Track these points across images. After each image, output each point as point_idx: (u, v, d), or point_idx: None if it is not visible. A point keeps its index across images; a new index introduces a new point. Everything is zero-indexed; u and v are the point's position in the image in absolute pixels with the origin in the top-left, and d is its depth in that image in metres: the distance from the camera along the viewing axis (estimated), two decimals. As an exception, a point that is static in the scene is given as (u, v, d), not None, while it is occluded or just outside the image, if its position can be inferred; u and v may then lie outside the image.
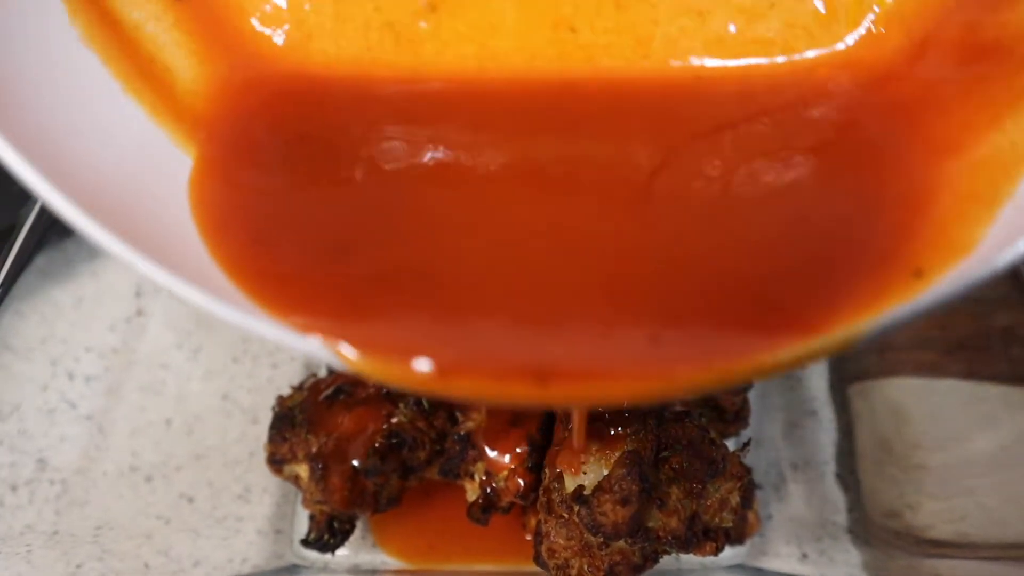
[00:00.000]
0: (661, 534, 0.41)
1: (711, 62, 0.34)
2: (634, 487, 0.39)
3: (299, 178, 0.32)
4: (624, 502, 0.38)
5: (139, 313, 0.67)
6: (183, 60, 0.34)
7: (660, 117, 0.33)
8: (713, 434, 0.43)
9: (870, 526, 0.55)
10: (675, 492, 0.41)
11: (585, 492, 0.39)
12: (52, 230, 0.69)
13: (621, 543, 0.41)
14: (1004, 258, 0.24)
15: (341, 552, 0.54)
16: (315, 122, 0.33)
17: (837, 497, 0.57)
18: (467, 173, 0.32)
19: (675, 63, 0.34)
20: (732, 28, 0.34)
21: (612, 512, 0.38)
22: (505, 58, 0.34)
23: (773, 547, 0.55)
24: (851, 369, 0.62)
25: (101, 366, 0.64)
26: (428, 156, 0.32)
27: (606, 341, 0.26)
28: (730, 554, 0.54)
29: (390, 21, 0.35)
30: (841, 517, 0.56)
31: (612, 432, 0.40)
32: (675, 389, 0.25)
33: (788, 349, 0.25)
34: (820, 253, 0.29)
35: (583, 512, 0.39)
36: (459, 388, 0.25)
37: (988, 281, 0.25)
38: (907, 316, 0.25)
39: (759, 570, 0.53)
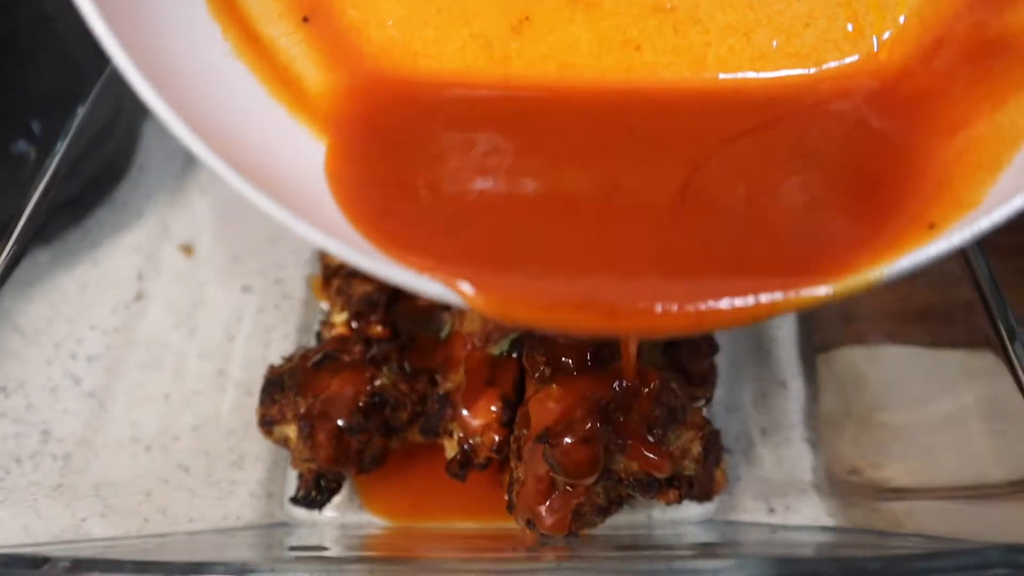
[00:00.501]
0: (623, 476, 0.44)
1: (754, 75, 0.41)
2: (595, 428, 0.41)
3: (415, 162, 0.39)
4: (585, 441, 0.41)
5: (139, 297, 0.70)
6: (312, 69, 0.41)
7: (710, 117, 0.40)
8: (674, 384, 0.46)
9: (833, 481, 0.57)
10: (636, 436, 0.44)
11: (550, 432, 0.42)
12: (53, 221, 0.72)
13: (586, 485, 0.44)
14: (1003, 212, 0.30)
15: (328, 513, 0.57)
16: (424, 120, 0.41)
17: (804, 458, 0.60)
18: (551, 160, 0.39)
19: (724, 76, 0.41)
20: (774, 44, 0.41)
21: (574, 451, 0.41)
22: (580, 72, 0.41)
23: (741, 503, 0.57)
24: (819, 340, 0.65)
25: (103, 345, 0.67)
26: (516, 146, 0.39)
27: (657, 289, 0.32)
28: (700, 511, 0.56)
29: (485, 41, 0.42)
30: (807, 475, 0.58)
31: (577, 379, 0.43)
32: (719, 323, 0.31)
33: (826, 287, 0.31)
34: (846, 214, 0.35)
35: (547, 451, 0.42)
36: (551, 320, 0.32)
37: (990, 232, 0.30)
38: (924, 260, 0.31)
39: (728, 522, 0.56)
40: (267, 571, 0.36)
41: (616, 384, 0.43)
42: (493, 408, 0.50)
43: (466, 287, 0.32)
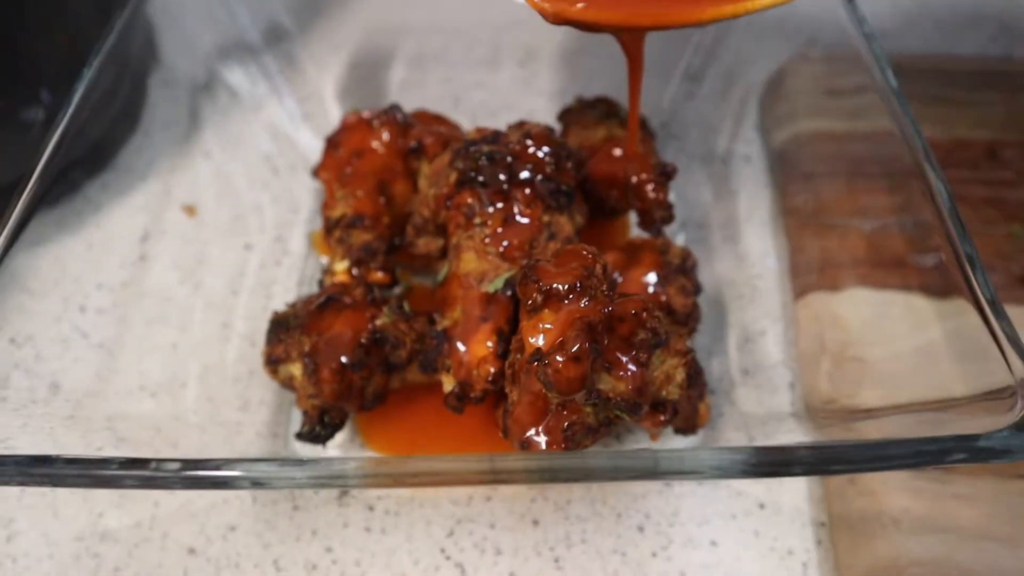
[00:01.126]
0: (612, 396, 0.46)
1: None
2: (584, 346, 0.44)
3: None
4: (575, 359, 0.44)
5: (144, 256, 0.72)
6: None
7: None
8: (658, 312, 0.48)
9: (811, 411, 0.60)
10: (623, 357, 0.47)
11: (541, 351, 0.45)
12: (60, 184, 0.74)
13: (577, 404, 0.47)
14: None
15: (332, 451, 0.60)
16: None
17: (783, 395, 0.63)
18: None
19: None
20: None
21: (564, 368, 0.44)
22: None
23: (723, 435, 0.60)
24: (797, 287, 0.68)
25: (110, 300, 0.70)
26: None
27: None
28: (684, 443, 0.59)
29: None
30: (785, 408, 0.61)
31: (568, 301, 0.46)
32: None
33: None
34: None
35: (539, 369, 0.45)
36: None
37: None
38: None
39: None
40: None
41: (603, 308, 0.46)
42: (488, 343, 0.53)
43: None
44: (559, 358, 0.44)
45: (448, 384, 0.54)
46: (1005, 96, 0.81)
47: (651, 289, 0.58)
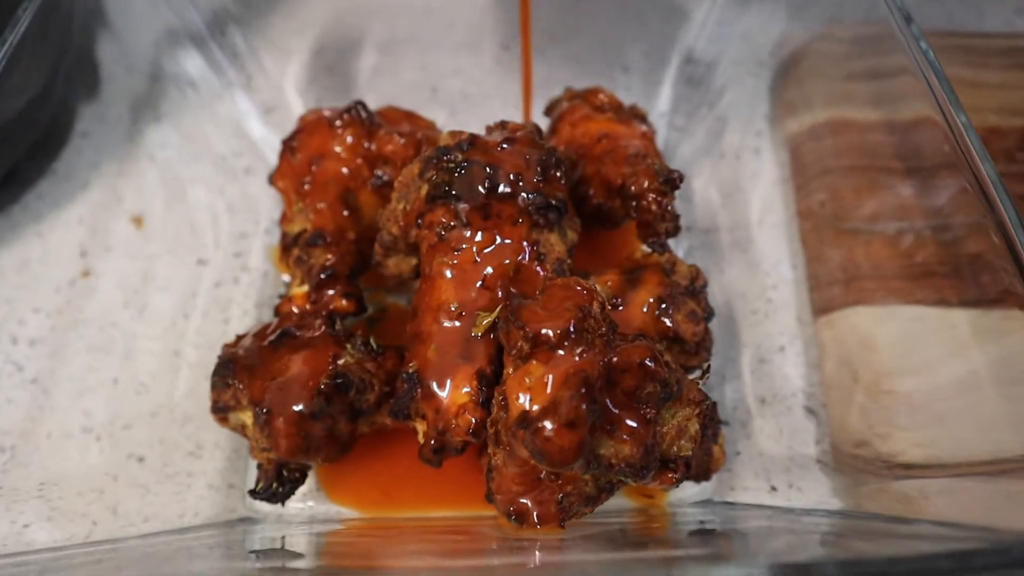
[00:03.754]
0: (614, 462, 0.39)
1: None
2: (580, 409, 0.37)
3: None
4: (570, 426, 0.37)
5: (85, 273, 0.64)
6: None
7: None
8: (667, 356, 0.41)
9: (839, 456, 0.53)
10: (627, 416, 0.39)
11: (530, 416, 0.37)
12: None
13: (572, 472, 0.40)
14: None
15: (294, 504, 0.52)
16: None
17: (806, 429, 0.55)
18: None
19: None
20: None
21: (557, 437, 0.37)
22: None
23: (741, 481, 0.53)
24: (818, 301, 0.60)
25: (47, 327, 0.62)
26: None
27: None
28: (697, 490, 0.52)
29: None
30: (810, 449, 0.54)
31: (559, 352, 0.39)
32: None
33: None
34: None
35: (527, 437, 0.37)
36: None
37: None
38: None
39: (728, 503, 0.52)
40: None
41: (603, 359, 0.38)
42: (468, 387, 0.46)
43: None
44: (550, 425, 0.37)
45: (423, 434, 0.47)
46: (1042, 77, 0.73)
47: (656, 317, 0.50)
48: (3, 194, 0.67)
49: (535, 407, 0.38)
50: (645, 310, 0.50)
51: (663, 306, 0.50)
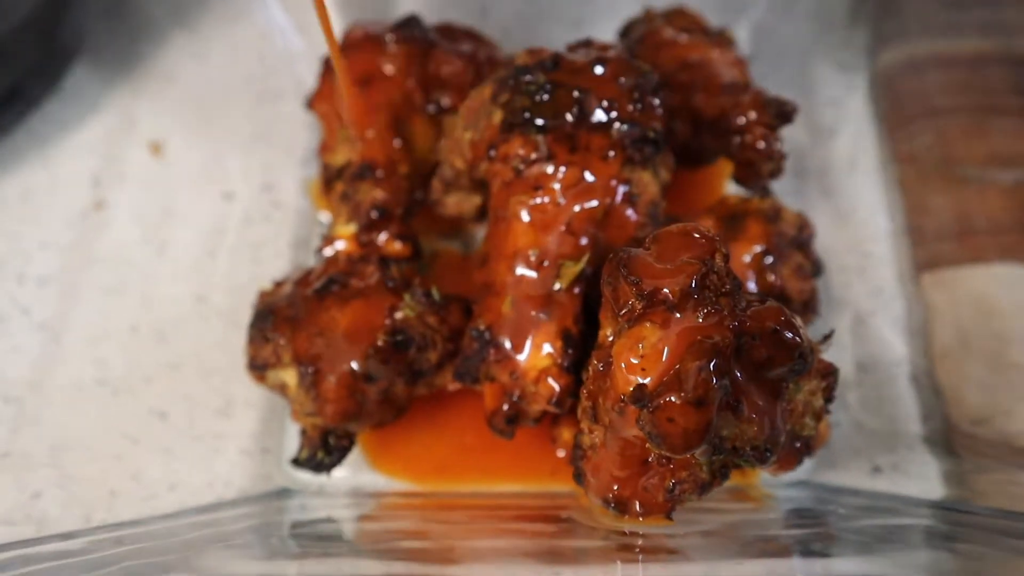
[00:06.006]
0: (739, 445, 0.33)
1: None
2: (711, 384, 0.30)
3: None
4: (698, 404, 0.30)
5: (98, 206, 0.58)
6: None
7: None
8: (798, 320, 0.34)
9: (953, 435, 0.47)
10: (755, 393, 0.33)
11: (647, 391, 0.31)
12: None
13: (687, 456, 0.33)
14: None
15: (338, 473, 0.46)
16: None
17: (911, 403, 0.49)
18: None
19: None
20: None
21: (682, 417, 0.30)
22: None
23: (841, 460, 0.47)
24: (924, 257, 0.53)
25: (56, 265, 0.55)
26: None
27: None
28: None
29: None
30: (916, 426, 0.48)
31: (676, 315, 0.32)
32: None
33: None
34: None
35: (644, 416, 0.31)
36: None
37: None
38: None
39: (825, 487, 0.46)
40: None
41: (731, 324, 0.32)
42: (549, 349, 0.40)
43: None
44: (674, 400, 0.30)
45: (492, 400, 0.41)
46: None
47: (760, 271, 0.43)
48: (4, 115, 0.60)
49: (653, 380, 0.31)
50: (748, 261, 0.44)
51: (768, 259, 0.44)
